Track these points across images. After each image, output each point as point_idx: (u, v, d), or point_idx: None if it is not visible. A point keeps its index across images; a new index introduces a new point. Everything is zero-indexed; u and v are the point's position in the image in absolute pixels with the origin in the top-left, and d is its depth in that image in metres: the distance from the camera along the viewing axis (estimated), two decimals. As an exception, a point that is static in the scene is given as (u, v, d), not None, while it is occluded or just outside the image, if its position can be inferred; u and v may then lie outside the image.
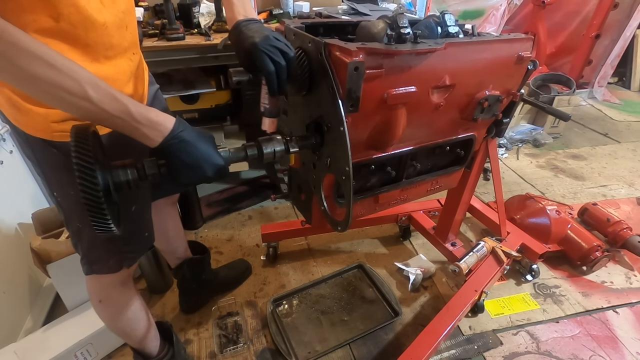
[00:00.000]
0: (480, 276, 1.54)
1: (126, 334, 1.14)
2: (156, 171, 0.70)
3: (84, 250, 0.91)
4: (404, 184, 1.14)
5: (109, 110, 0.62)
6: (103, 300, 1.05)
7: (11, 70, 0.55)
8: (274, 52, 0.72)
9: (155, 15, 1.93)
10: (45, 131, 0.73)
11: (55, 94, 0.58)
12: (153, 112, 0.66)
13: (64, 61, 0.58)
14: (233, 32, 0.80)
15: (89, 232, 0.87)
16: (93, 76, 0.61)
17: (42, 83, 0.57)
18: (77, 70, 0.59)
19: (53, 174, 0.81)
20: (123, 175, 0.67)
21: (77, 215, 0.85)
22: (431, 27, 0.98)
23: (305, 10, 2.12)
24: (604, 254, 1.76)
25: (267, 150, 0.82)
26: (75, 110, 0.62)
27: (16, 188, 1.60)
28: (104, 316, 1.09)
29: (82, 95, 0.59)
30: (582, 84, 4.08)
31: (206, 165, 0.70)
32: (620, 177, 2.64)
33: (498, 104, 1.10)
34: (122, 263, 0.95)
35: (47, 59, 0.56)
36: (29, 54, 0.55)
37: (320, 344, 1.46)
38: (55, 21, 0.64)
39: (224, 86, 2.14)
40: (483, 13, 3.63)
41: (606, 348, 1.49)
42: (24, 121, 0.73)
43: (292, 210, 2.23)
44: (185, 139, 0.68)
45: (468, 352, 1.46)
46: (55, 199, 0.85)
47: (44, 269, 1.32)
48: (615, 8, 3.69)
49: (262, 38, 0.72)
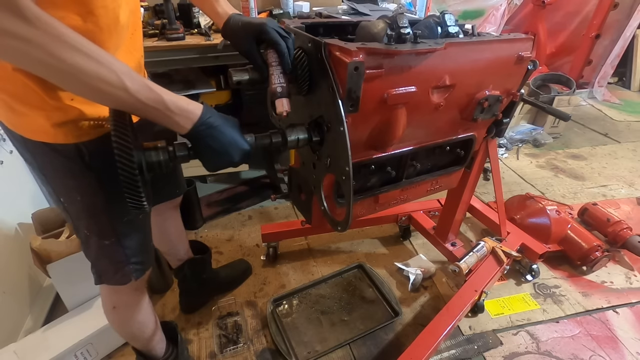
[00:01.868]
0: (480, 276, 1.54)
1: (136, 337, 1.13)
2: (185, 153, 0.73)
3: (92, 259, 0.90)
4: (404, 184, 1.14)
5: (144, 100, 0.62)
6: (117, 306, 1.03)
7: (53, 62, 0.54)
8: (280, 30, 0.77)
9: (155, 15, 1.93)
10: (47, 134, 0.71)
11: (95, 86, 0.58)
12: (184, 100, 0.68)
13: (101, 52, 0.58)
14: (232, 22, 0.82)
15: (96, 241, 0.85)
16: (127, 67, 0.61)
17: (83, 75, 0.56)
18: (113, 62, 0.59)
19: (57, 179, 0.79)
20: (155, 155, 0.70)
21: (85, 222, 0.83)
22: (431, 27, 0.98)
23: (305, 10, 2.12)
24: (604, 254, 1.76)
25: (291, 137, 0.85)
26: (112, 101, 0.62)
27: (16, 188, 1.60)
28: (117, 322, 1.08)
29: (120, 86, 0.59)
30: (582, 84, 4.08)
31: (232, 150, 0.72)
32: (620, 177, 2.64)
33: (498, 104, 1.10)
34: (130, 275, 0.93)
35: (87, 51, 0.56)
36: (71, 46, 0.54)
37: (320, 344, 1.46)
38: (83, 21, 0.64)
39: (224, 86, 2.15)
40: (483, 13, 3.63)
41: (606, 348, 1.49)
42: (22, 125, 0.71)
43: (292, 210, 2.23)
44: (213, 124, 0.69)
45: (468, 352, 1.46)
46: (62, 205, 0.82)
47: (44, 269, 1.32)
48: (615, 8, 3.69)
49: (267, 20, 0.78)
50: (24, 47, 0.51)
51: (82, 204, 0.80)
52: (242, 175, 2.50)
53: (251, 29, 0.78)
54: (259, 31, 0.76)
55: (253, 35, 0.78)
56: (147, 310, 1.10)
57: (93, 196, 0.79)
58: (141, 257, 0.94)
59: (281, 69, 0.78)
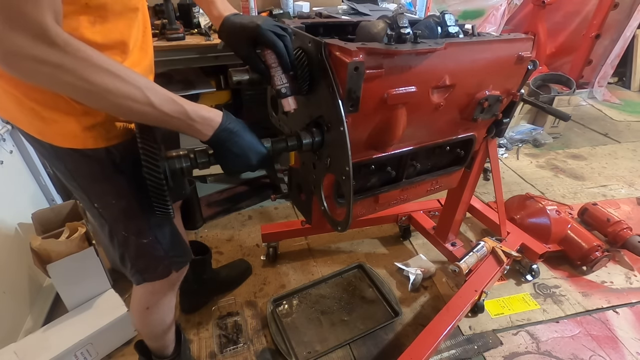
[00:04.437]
0: (480, 276, 1.54)
1: (157, 337, 1.14)
2: (206, 159, 0.75)
3: (132, 260, 0.89)
4: (404, 184, 1.14)
5: (168, 112, 0.64)
6: (151, 307, 1.04)
7: (82, 85, 0.55)
8: (276, 29, 0.76)
9: (155, 15, 1.93)
10: (77, 139, 0.71)
11: (122, 104, 0.60)
12: (205, 109, 0.69)
13: (125, 70, 0.59)
14: (226, 25, 0.81)
15: (135, 240, 0.86)
16: (149, 81, 0.63)
17: (111, 95, 0.58)
18: (137, 78, 0.60)
19: (90, 185, 0.79)
20: (178, 163, 0.73)
21: (123, 223, 0.83)
22: (431, 27, 0.98)
23: (305, 10, 2.12)
24: (604, 254, 1.76)
25: (306, 140, 0.86)
26: (138, 115, 0.64)
27: (16, 188, 1.60)
28: (145, 322, 1.08)
29: (146, 101, 0.61)
30: (582, 84, 4.08)
31: (251, 154, 0.75)
32: (620, 177, 2.64)
33: (498, 104, 1.10)
34: (170, 267, 0.95)
35: (114, 71, 0.57)
36: (99, 68, 0.56)
37: (320, 344, 1.46)
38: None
39: (224, 86, 2.15)
40: (483, 13, 3.63)
41: (606, 348, 1.49)
42: (53, 132, 0.70)
43: (292, 210, 2.23)
44: (233, 130, 0.72)
45: (468, 352, 1.46)
46: (97, 211, 0.81)
47: (44, 269, 1.32)
48: (615, 8, 3.69)
49: (262, 20, 0.76)
50: (55, 72, 0.53)
51: (117, 206, 0.80)
52: (242, 175, 2.50)
53: (246, 34, 0.77)
54: (254, 35, 0.75)
55: (249, 40, 0.77)
56: (172, 311, 1.12)
57: (127, 197, 0.80)
58: (177, 249, 0.96)
59: (282, 69, 0.78)
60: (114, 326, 1.40)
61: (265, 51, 0.77)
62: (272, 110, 1.17)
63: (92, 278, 1.45)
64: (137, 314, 1.07)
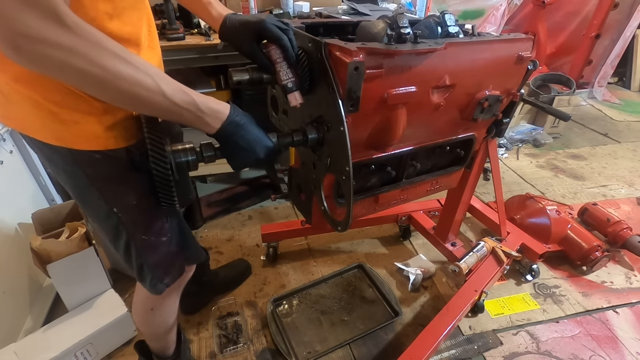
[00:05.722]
0: (480, 276, 1.54)
1: (159, 337, 1.14)
2: (212, 153, 0.75)
3: (151, 267, 0.87)
4: (404, 184, 1.14)
5: (179, 102, 0.63)
6: (156, 308, 1.03)
7: (94, 71, 0.53)
8: (279, 24, 0.77)
9: (155, 15, 1.91)
10: (99, 140, 0.69)
11: (134, 92, 0.57)
12: (213, 102, 0.69)
13: (135, 57, 0.57)
14: (229, 23, 0.82)
15: (155, 240, 0.85)
16: (159, 70, 0.61)
17: (124, 82, 0.56)
18: (148, 66, 0.59)
19: (110, 187, 0.76)
20: (184, 156, 0.73)
21: (143, 224, 0.82)
22: (431, 27, 0.98)
23: (305, 10, 2.12)
24: (604, 254, 1.76)
25: (311, 136, 0.87)
26: (148, 105, 0.61)
27: (16, 188, 1.60)
28: (148, 323, 1.08)
29: (158, 90, 0.59)
30: (582, 84, 4.08)
31: (258, 147, 0.75)
32: (620, 177, 2.64)
33: (498, 104, 1.10)
34: (184, 264, 0.96)
35: (125, 57, 0.55)
36: (111, 52, 0.54)
37: (320, 344, 1.46)
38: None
39: (224, 86, 2.15)
40: (483, 13, 3.63)
41: (606, 348, 1.49)
42: (72, 136, 0.67)
43: (292, 210, 2.23)
44: (240, 122, 0.72)
45: (468, 352, 1.46)
46: (116, 217, 0.78)
47: (44, 269, 1.32)
48: (615, 8, 3.69)
49: (265, 16, 0.77)
50: (66, 57, 0.50)
51: (137, 207, 0.79)
52: (242, 175, 2.50)
53: (250, 29, 0.77)
54: (259, 30, 0.75)
55: (253, 35, 0.77)
56: (175, 312, 1.12)
57: (148, 195, 0.78)
58: (189, 243, 0.96)
59: (287, 63, 0.78)
60: (114, 326, 1.40)
61: (270, 47, 0.77)
62: (272, 110, 1.17)
63: (92, 278, 1.45)
64: (140, 315, 1.07)
